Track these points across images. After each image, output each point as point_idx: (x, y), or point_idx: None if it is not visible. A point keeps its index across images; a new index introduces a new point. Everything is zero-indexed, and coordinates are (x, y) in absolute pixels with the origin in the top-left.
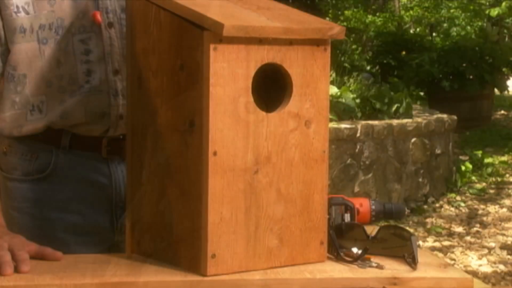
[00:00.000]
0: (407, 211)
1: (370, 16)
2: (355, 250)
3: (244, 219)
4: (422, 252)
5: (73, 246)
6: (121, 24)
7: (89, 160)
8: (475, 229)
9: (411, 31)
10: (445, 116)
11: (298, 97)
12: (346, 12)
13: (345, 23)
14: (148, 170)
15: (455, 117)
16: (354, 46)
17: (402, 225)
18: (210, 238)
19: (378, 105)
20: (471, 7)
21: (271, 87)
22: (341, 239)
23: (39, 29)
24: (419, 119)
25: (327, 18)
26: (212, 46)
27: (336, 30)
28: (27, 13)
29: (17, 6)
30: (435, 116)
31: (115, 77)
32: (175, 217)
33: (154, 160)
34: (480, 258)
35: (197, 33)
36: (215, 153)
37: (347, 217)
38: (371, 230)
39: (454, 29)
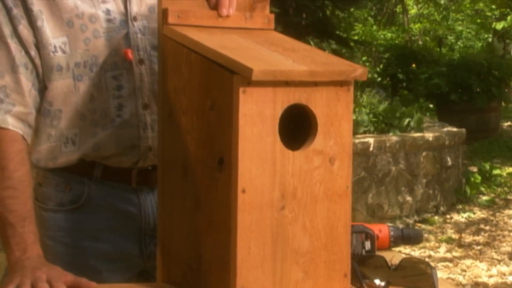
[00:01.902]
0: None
1: (376, 27)
2: (377, 281)
3: (271, 253)
4: (442, 282)
5: (105, 273)
6: (151, 60)
7: (119, 190)
8: (485, 239)
9: (420, 43)
10: (455, 129)
11: (322, 135)
12: (357, 26)
13: (356, 37)
14: (179, 202)
15: (464, 131)
16: (364, 58)
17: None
18: (239, 272)
19: (390, 120)
20: (478, 20)
21: (296, 126)
22: (363, 266)
23: (75, 66)
24: (430, 133)
25: (338, 32)
26: (241, 89)
27: (359, 72)
28: (63, 52)
29: (54, 46)
30: (445, 129)
31: (144, 111)
32: (204, 248)
33: (184, 192)
34: (489, 269)
35: (226, 76)
36: (243, 191)
37: (367, 245)
38: (391, 257)
39: (460, 41)
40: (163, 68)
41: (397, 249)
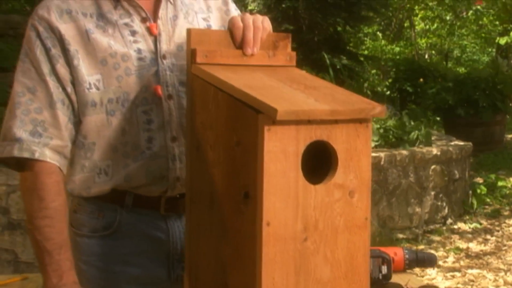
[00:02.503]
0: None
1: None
2: None
3: (294, 282)
4: None
5: None
6: (178, 95)
7: (149, 217)
8: (491, 249)
9: (426, 57)
10: (461, 143)
11: (342, 170)
12: (366, 41)
13: (365, 51)
14: (205, 230)
15: (471, 145)
16: (374, 71)
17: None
18: None
19: (400, 134)
20: (483, 35)
21: (317, 160)
22: None
23: (108, 102)
24: (438, 148)
25: (349, 47)
26: (266, 128)
27: (377, 110)
28: (97, 89)
29: (89, 83)
30: (452, 143)
31: (173, 143)
32: (230, 276)
33: (211, 222)
34: (496, 279)
35: (252, 115)
36: (268, 224)
37: (384, 269)
38: (407, 281)
39: (466, 55)
40: (192, 105)
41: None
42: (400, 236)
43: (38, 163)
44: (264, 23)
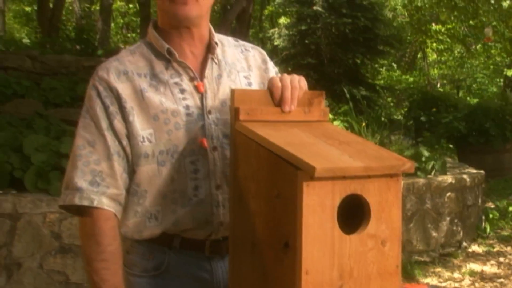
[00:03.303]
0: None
1: (399, 72)
2: None
3: None
4: None
5: None
6: (222, 147)
7: (194, 258)
8: (505, 272)
9: (438, 85)
10: (474, 171)
11: (375, 221)
12: (382, 72)
13: (381, 81)
14: (247, 274)
15: (483, 173)
16: (389, 99)
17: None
18: None
19: (417, 164)
20: (491, 66)
21: (351, 210)
22: None
23: (159, 154)
24: (453, 176)
25: (367, 79)
26: (305, 183)
27: (407, 165)
28: (150, 141)
29: (142, 137)
30: (466, 170)
31: (217, 191)
32: None
33: (253, 266)
34: None
35: (291, 170)
36: (307, 272)
37: None
38: None
39: (476, 84)
40: (235, 158)
41: (426, 280)
42: (418, 259)
43: (96, 211)
44: (300, 82)
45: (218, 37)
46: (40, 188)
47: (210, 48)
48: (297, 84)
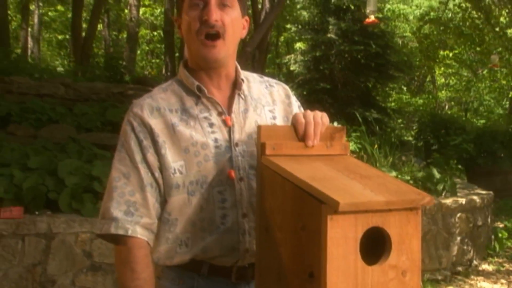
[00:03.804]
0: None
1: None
2: None
3: None
4: None
5: None
6: (248, 178)
7: (221, 284)
8: None
9: (446, 107)
10: (483, 192)
11: (396, 252)
12: (392, 94)
13: (392, 103)
14: None
15: (492, 194)
16: (400, 120)
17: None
18: None
19: (428, 185)
20: (496, 89)
21: (373, 242)
22: None
23: (189, 184)
24: (463, 198)
25: (379, 102)
26: (329, 217)
27: (426, 200)
28: (181, 173)
29: (174, 168)
30: (475, 191)
31: (243, 219)
32: None
33: None
34: None
35: (316, 204)
36: None
37: None
38: None
39: (482, 107)
40: (262, 190)
41: None
42: (431, 277)
43: (131, 239)
44: (322, 118)
45: (244, 74)
46: (73, 209)
47: (236, 84)
48: (319, 120)
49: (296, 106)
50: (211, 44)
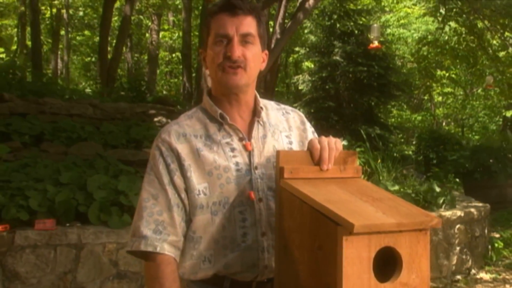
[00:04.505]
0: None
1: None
2: None
3: None
4: None
5: None
6: (267, 199)
7: None
8: None
9: (444, 124)
10: (481, 205)
11: (406, 270)
12: (393, 111)
13: (393, 119)
14: None
15: (489, 206)
16: (400, 135)
17: None
18: None
19: (429, 198)
20: (490, 107)
21: (385, 262)
22: None
23: (212, 205)
24: (462, 210)
25: (381, 119)
26: (344, 238)
27: (435, 221)
28: (205, 194)
29: (198, 190)
30: (473, 204)
31: (262, 238)
32: None
33: None
34: None
35: (332, 226)
36: None
37: None
38: None
39: (477, 124)
40: (280, 211)
41: None
42: (432, 285)
43: (159, 256)
44: (336, 144)
45: (262, 102)
46: (101, 221)
47: (256, 112)
48: (333, 145)
49: (310, 131)
50: (233, 72)
